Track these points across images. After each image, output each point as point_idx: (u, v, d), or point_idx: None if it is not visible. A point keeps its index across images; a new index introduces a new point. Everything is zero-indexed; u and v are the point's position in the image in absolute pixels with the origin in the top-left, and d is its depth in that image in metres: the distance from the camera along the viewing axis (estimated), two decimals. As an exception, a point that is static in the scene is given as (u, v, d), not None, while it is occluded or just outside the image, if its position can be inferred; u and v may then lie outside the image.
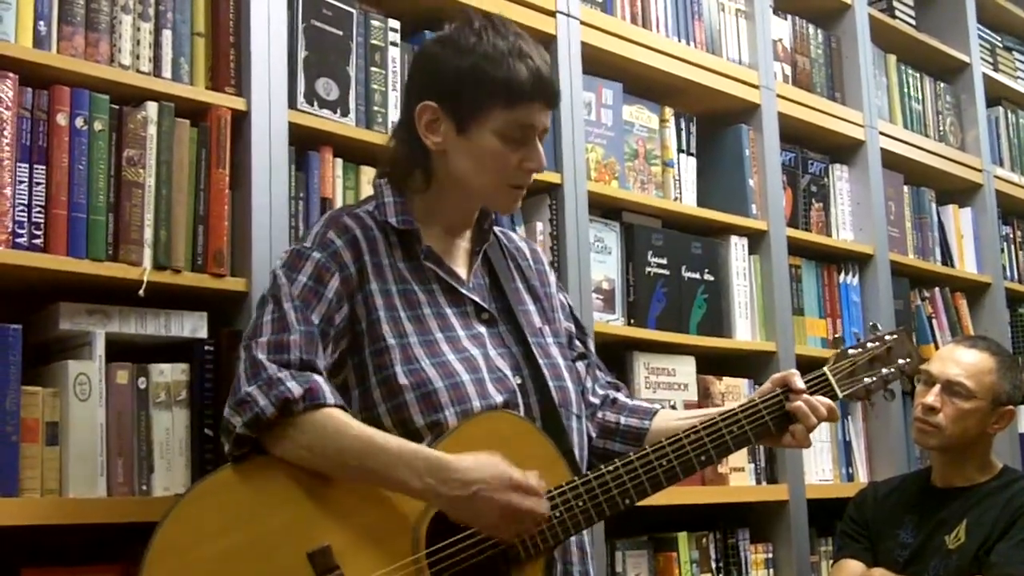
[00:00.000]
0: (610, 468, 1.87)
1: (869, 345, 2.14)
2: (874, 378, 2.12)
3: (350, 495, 1.78)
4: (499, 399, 1.88)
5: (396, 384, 1.85)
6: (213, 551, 1.70)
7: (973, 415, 2.75)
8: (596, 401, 2.15)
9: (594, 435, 2.12)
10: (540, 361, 1.96)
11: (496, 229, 2.10)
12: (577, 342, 2.16)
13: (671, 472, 1.91)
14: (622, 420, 2.12)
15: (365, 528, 1.77)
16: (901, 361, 2.15)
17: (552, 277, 2.18)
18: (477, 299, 1.97)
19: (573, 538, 1.89)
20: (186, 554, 1.70)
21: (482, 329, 1.96)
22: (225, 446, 1.79)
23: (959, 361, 2.80)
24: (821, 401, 2.01)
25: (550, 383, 1.95)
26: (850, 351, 2.12)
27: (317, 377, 1.78)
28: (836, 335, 2.18)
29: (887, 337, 2.16)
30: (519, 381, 1.93)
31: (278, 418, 1.74)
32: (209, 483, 1.78)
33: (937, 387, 2.77)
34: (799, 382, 2.02)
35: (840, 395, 2.07)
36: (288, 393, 1.74)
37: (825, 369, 2.08)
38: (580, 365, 2.14)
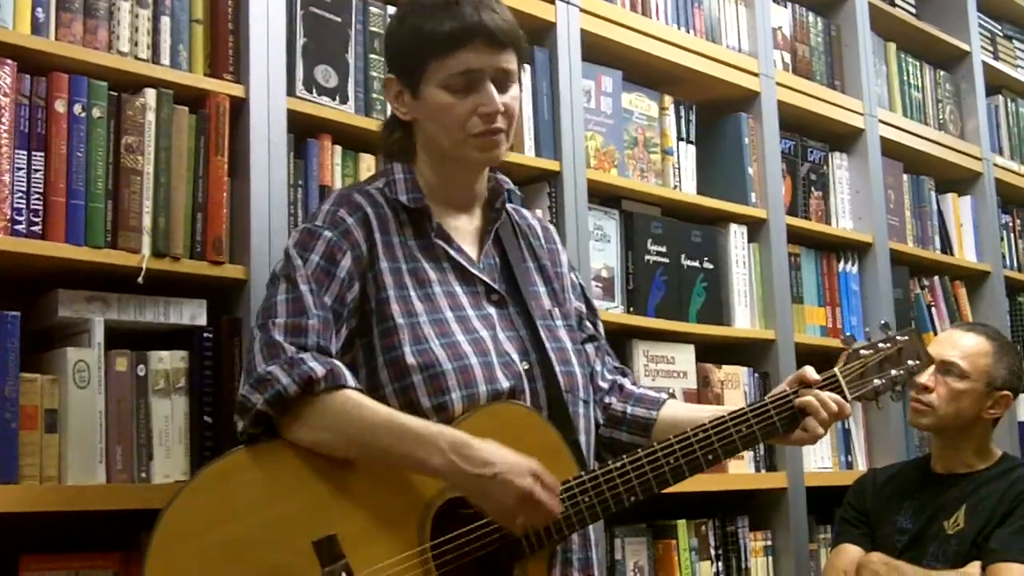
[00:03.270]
0: (617, 464, 1.86)
1: (880, 346, 2.11)
2: (883, 380, 2.09)
3: (357, 484, 1.77)
4: (505, 384, 1.87)
5: (404, 364, 1.84)
6: (218, 538, 1.70)
7: (966, 396, 2.77)
8: (605, 385, 2.13)
9: (601, 422, 2.11)
10: (548, 345, 1.95)
11: (509, 207, 2.08)
12: (587, 323, 2.15)
13: (678, 470, 1.90)
14: (628, 409, 2.10)
15: (371, 518, 1.76)
16: (911, 362, 2.12)
17: (564, 256, 2.16)
18: (487, 280, 1.96)
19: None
20: (190, 541, 1.69)
21: (492, 310, 1.95)
22: (239, 424, 1.78)
23: (955, 343, 2.83)
24: (831, 397, 1.99)
25: (557, 368, 1.94)
26: (862, 352, 2.09)
27: (337, 361, 1.79)
28: (846, 333, 2.13)
29: (898, 338, 2.13)
30: (526, 366, 1.91)
31: (299, 396, 1.73)
32: (215, 469, 1.76)
33: (932, 368, 2.79)
34: (812, 374, 2.01)
35: (849, 397, 2.04)
36: (312, 372, 1.73)
37: (836, 370, 2.05)
38: (590, 347, 2.13)
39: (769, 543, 3.21)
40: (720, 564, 3.07)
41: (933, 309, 4.07)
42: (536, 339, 1.94)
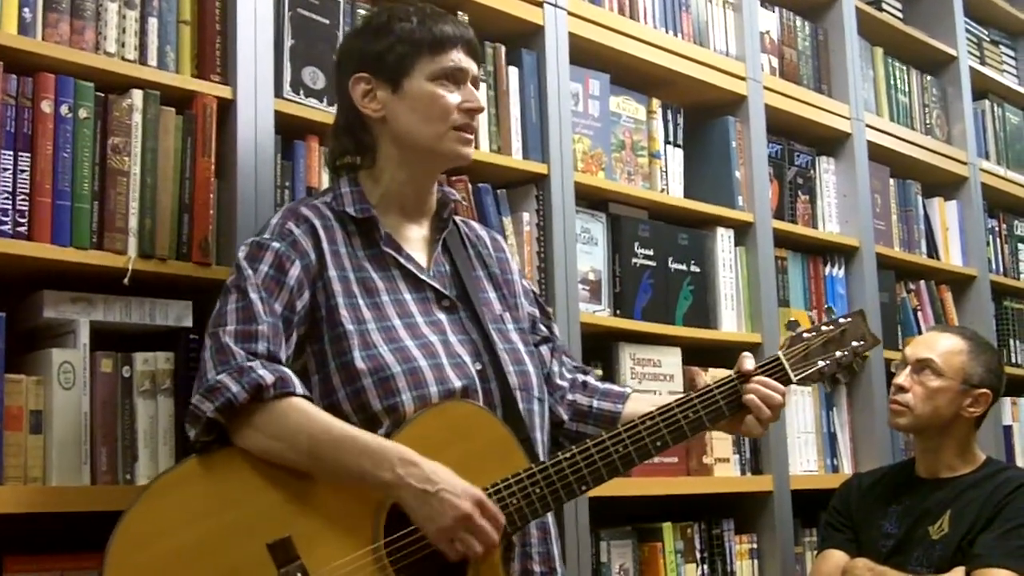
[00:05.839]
0: (567, 455, 1.90)
1: (823, 328, 2.15)
2: (827, 361, 2.12)
3: (310, 487, 1.80)
4: (457, 384, 1.90)
5: (355, 369, 1.87)
6: (174, 544, 1.72)
7: (942, 395, 2.78)
8: (564, 384, 2.18)
9: (566, 418, 2.16)
10: (500, 347, 1.99)
11: (457, 218, 2.14)
12: (541, 327, 2.19)
13: (627, 458, 1.93)
14: (594, 403, 2.16)
15: (325, 519, 1.79)
16: (855, 343, 2.15)
17: (514, 264, 2.21)
18: (437, 285, 2.00)
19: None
20: (147, 548, 1.71)
21: (442, 316, 1.98)
22: (191, 432, 1.80)
23: (930, 343, 2.86)
24: (775, 388, 2.02)
25: (510, 368, 1.98)
26: (804, 335, 2.13)
27: (286, 368, 1.82)
28: (790, 319, 2.19)
29: (841, 320, 2.17)
30: (479, 367, 1.95)
31: (249, 403, 1.76)
32: (171, 476, 1.79)
33: (908, 368, 2.81)
34: (748, 363, 2.04)
35: (793, 379, 2.07)
36: (260, 380, 1.76)
37: (779, 353, 2.10)
38: (544, 349, 2.17)
39: (754, 546, 3.21)
40: (705, 567, 3.08)
41: (919, 313, 4.08)
42: (488, 342, 1.98)
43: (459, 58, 2.00)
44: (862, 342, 2.17)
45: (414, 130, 1.99)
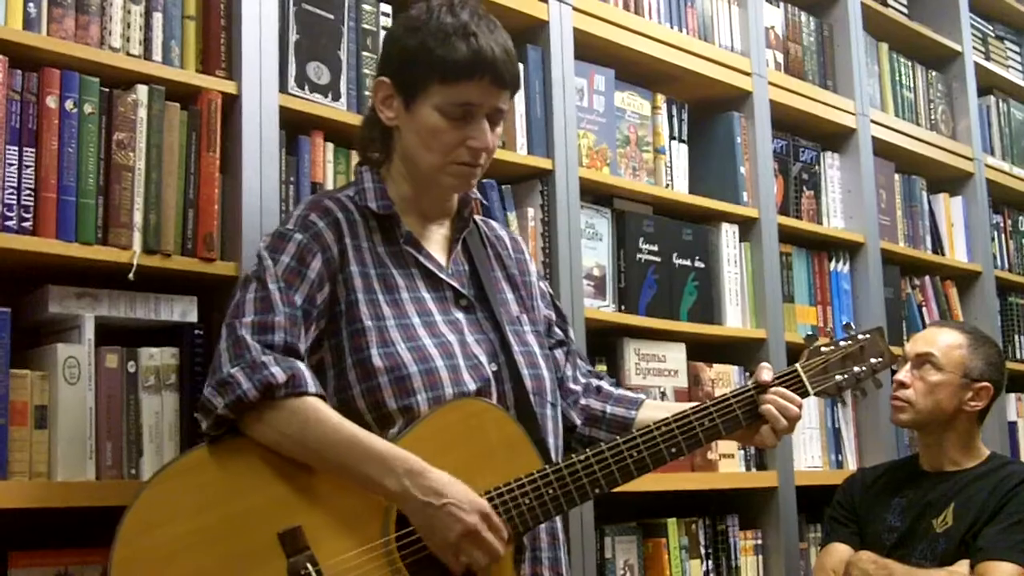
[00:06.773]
0: (581, 457, 1.89)
1: (842, 344, 2.16)
2: (845, 375, 2.14)
3: (323, 478, 1.80)
4: (472, 386, 1.89)
5: (371, 366, 1.86)
6: (184, 530, 1.72)
7: (943, 389, 2.79)
8: (577, 388, 2.17)
9: (579, 422, 2.15)
10: (516, 349, 1.98)
11: (477, 218, 2.12)
12: (557, 330, 2.18)
13: (641, 463, 1.93)
14: (608, 409, 2.15)
15: (337, 511, 1.78)
16: (874, 360, 2.18)
17: (532, 266, 2.20)
18: (456, 285, 1.99)
19: (542, 524, 1.90)
20: (157, 533, 1.71)
21: (460, 315, 1.97)
22: (203, 424, 1.79)
23: (929, 339, 2.87)
24: (792, 400, 2.03)
25: (525, 371, 1.97)
26: (823, 349, 2.14)
27: (300, 364, 1.80)
28: (809, 333, 2.22)
29: (860, 336, 2.19)
30: (494, 368, 1.94)
31: (260, 401, 1.75)
32: (182, 463, 1.79)
33: (908, 364, 2.82)
34: (766, 375, 2.05)
35: (811, 392, 2.09)
36: (272, 378, 1.75)
37: (797, 366, 2.10)
38: (559, 352, 2.16)
39: (759, 542, 3.21)
40: (710, 563, 3.08)
41: (924, 309, 4.07)
42: (504, 343, 1.97)
43: (472, 93, 1.89)
44: (880, 359, 2.18)
45: (415, 154, 1.96)
